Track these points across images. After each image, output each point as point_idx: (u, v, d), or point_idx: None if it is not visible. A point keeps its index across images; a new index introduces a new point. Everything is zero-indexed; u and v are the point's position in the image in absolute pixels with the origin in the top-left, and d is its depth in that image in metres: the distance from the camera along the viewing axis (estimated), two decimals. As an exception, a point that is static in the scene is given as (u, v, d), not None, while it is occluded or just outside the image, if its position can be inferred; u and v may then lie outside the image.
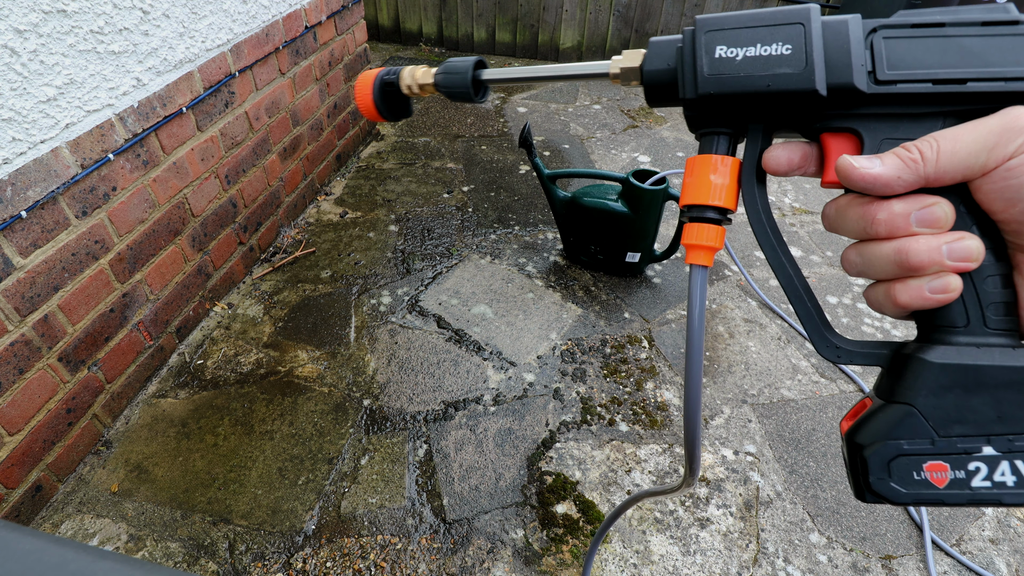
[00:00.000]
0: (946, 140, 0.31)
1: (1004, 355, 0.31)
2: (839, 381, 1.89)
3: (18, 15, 1.17)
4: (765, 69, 0.34)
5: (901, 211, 0.32)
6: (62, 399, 1.47)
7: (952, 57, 0.32)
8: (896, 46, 0.33)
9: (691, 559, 1.42)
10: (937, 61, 0.32)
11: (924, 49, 0.32)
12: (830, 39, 0.33)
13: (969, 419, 0.31)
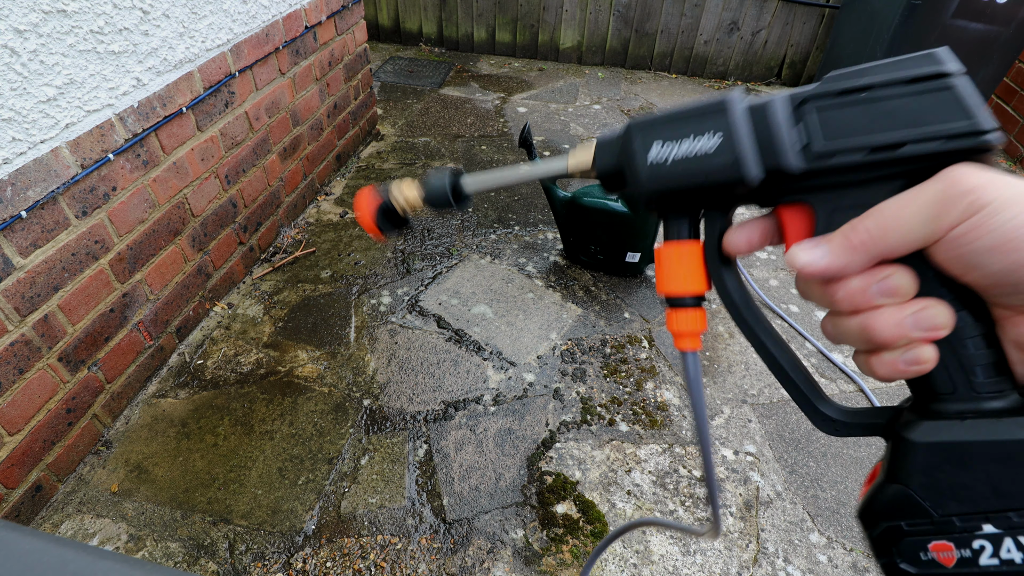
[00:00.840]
0: (889, 215, 0.30)
1: (991, 428, 0.29)
2: (839, 381, 1.89)
3: (18, 15, 1.17)
4: (698, 163, 0.34)
5: (859, 286, 0.31)
6: (62, 399, 1.47)
7: (884, 121, 0.31)
8: (829, 117, 0.32)
9: (691, 559, 1.42)
10: (870, 127, 0.31)
11: (856, 116, 0.31)
12: (758, 122, 0.33)
13: (964, 497, 0.29)
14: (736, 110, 0.33)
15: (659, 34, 3.90)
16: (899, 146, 0.30)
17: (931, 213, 0.29)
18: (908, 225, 0.29)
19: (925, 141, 0.29)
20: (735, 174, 0.33)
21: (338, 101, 2.61)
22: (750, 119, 0.33)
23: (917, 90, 0.30)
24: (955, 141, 0.29)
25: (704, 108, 0.34)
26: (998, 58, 2.72)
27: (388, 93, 3.57)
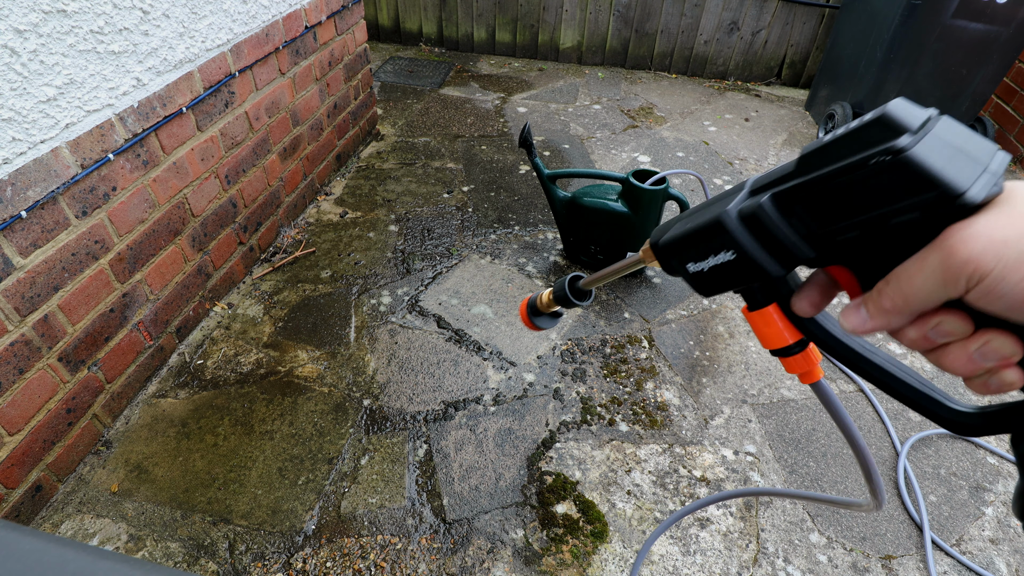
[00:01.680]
0: (904, 282, 0.31)
1: None
2: (839, 381, 1.89)
3: (18, 15, 1.17)
4: (730, 269, 0.39)
5: (916, 336, 0.33)
6: (62, 399, 1.47)
7: (863, 201, 0.32)
8: (814, 207, 0.34)
9: (691, 559, 1.42)
10: (854, 208, 0.32)
11: (838, 200, 0.33)
12: (757, 232, 0.36)
13: None
14: (733, 227, 0.37)
15: (659, 34, 3.90)
16: (887, 219, 0.31)
17: (940, 280, 0.30)
18: (925, 291, 0.30)
19: (906, 212, 0.30)
20: (761, 274, 0.37)
21: (338, 101, 2.61)
22: (748, 231, 0.37)
23: (878, 170, 0.30)
24: (933, 209, 0.29)
25: (706, 232, 0.38)
26: (998, 58, 2.72)
27: (388, 93, 3.57)
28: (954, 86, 2.83)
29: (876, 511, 0.52)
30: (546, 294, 0.72)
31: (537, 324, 0.75)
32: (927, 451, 1.70)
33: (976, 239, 0.28)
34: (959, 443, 1.73)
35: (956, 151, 0.30)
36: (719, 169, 2.98)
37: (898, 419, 1.78)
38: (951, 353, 0.32)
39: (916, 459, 1.68)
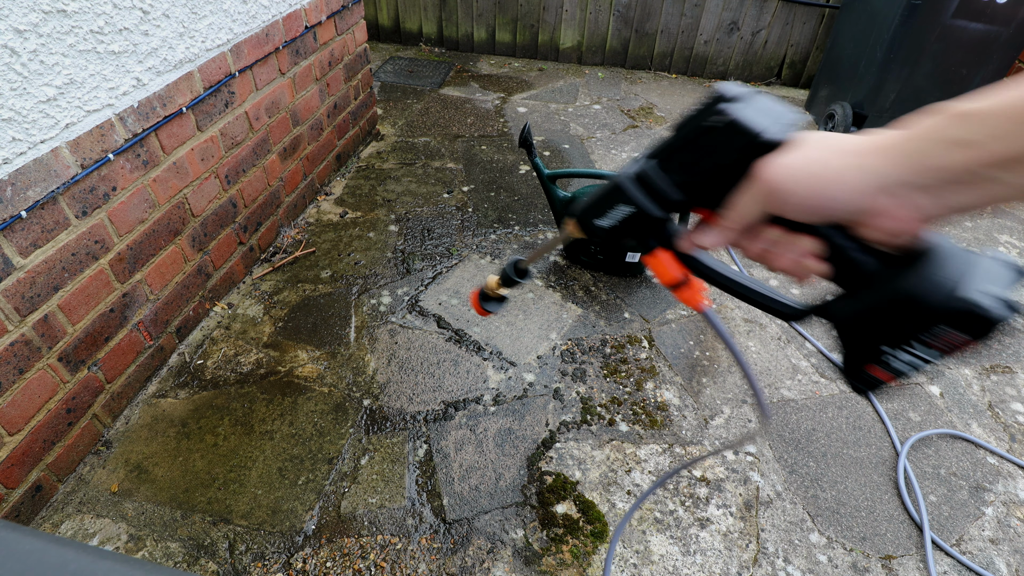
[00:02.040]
0: (736, 208, 0.46)
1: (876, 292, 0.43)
2: (839, 381, 1.89)
3: (18, 15, 1.17)
4: (628, 220, 0.52)
5: (754, 247, 0.47)
6: (62, 399, 1.47)
7: (707, 154, 0.46)
8: (678, 162, 0.48)
9: (691, 559, 1.42)
10: (702, 161, 0.46)
11: (692, 157, 0.47)
12: (646, 186, 0.50)
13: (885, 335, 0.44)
14: (629, 187, 0.50)
15: (659, 34, 3.90)
16: (721, 161, 0.45)
17: (754, 200, 0.44)
18: (748, 208, 0.45)
19: (731, 154, 0.44)
20: (649, 217, 0.51)
21: (338, 101, 2.61)
22: (640, 187, 0.50)
23: (711, 128, 0.44)
24: (745, 150, 0.43)
25: (611, 193, 0.52)
26: (998, 58, 2.72)
27: (388, 93, 3.57)
28: (954, 86, 2.83)
29: (768, 426, 0.69)
30: (492, 279, 0.83)
31: (487, 309, 0.87)
32: (927, 451, 1.70)
33: (772, 168, 0.42)
34: (959, 443, 1.73)
35: (762, 111, 0.44)
36: (719, 169, 2.98)
37: (898, 419, 1.78)
38: (777, 256, 0.46)
39: (916, 459, 1.67)
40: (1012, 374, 1.95)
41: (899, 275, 0.41)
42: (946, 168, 0.36)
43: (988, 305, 0.39)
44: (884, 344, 0.43)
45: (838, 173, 0.40)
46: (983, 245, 2.55)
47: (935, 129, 0.37)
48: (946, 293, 0.40)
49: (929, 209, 0.39)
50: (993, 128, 0.35)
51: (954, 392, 1.88)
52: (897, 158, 0.38)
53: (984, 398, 1.87)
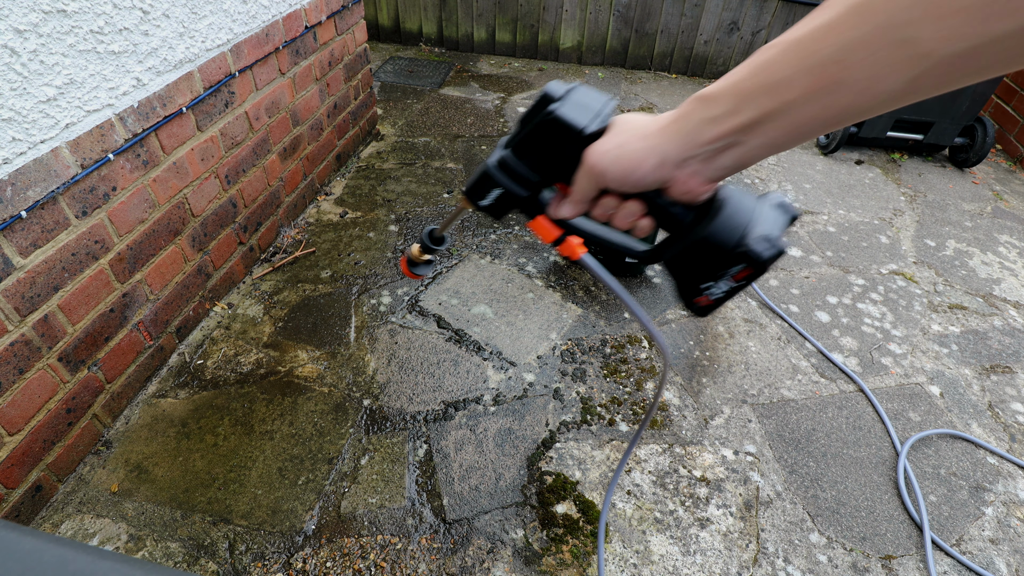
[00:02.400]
0: (577, 185, 0.55)
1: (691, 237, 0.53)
2: (839, 381, 1.89)
3: (18, 15, 1.17)
4: (503, 201, 0.61)
5: (599, 212, 0.56)
6: (62, 399, 1.47)
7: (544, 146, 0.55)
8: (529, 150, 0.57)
9: (691, 559, 1.42)
10: (544, 151, 0.56)
11: (538, 147, 0.56)
12: (509, 171, 0.59)
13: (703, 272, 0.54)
14: (496, 174, 0.59)
15: (659, 34, 3.90)
16: (559, 150, 0.54)
17: (588, 180, 0.53)
18: (586, 186, 0.54)
19: (565, 144, 0.53)
20: (516, 197, 0.60)
21: (338, 101, 2.61)
22: (503, 172, 0.59)
23: (543, 124, 0.53)
24: (574, 141, 0.53)
25: (482, 179, 0.60)
26: (998, 58, 2.72)
27: (388, 93, 3.57)
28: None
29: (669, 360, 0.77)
30: (415, 247, 0.92)
31: (416, 272, 0.96)
32: (927, 451, 1.70)
33: (593, 155, 0.51)
34: (959, 443, 1.73)
35: (581, 106, 0.53)
36: (719, 169, 2.98)
37: (898, 419, 1.78)
38: (616, 218, 0.55)
39: (916, 459, 1.68)
40: (1012, 374, 1.95)
41: (700, 225, 0.52)
42: (706, 141, 0.46)
43: (761, 250, 0.51)
44: (701, 280, 0.55)
45: (637, 154, 0.49)
46: (983, 244, 2.55)
47: (692, 111, 0.46)
48: (733, 240, 0.51)
49: (708, 173, 0.48)
50: (725, 105, 0.44)
51: (954, 392, 1.88)
52: (673, 138, 0.47)
53: (984, 398, 1.87)
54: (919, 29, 0.33)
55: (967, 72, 0.35)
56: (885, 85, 0.37)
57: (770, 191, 0.59)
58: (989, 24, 0.31)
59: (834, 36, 0.37)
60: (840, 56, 0.37)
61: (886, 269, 2.38)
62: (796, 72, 0.39)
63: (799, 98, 0.40)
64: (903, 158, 3.19)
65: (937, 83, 0.36)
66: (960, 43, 0.33)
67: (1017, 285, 2.34)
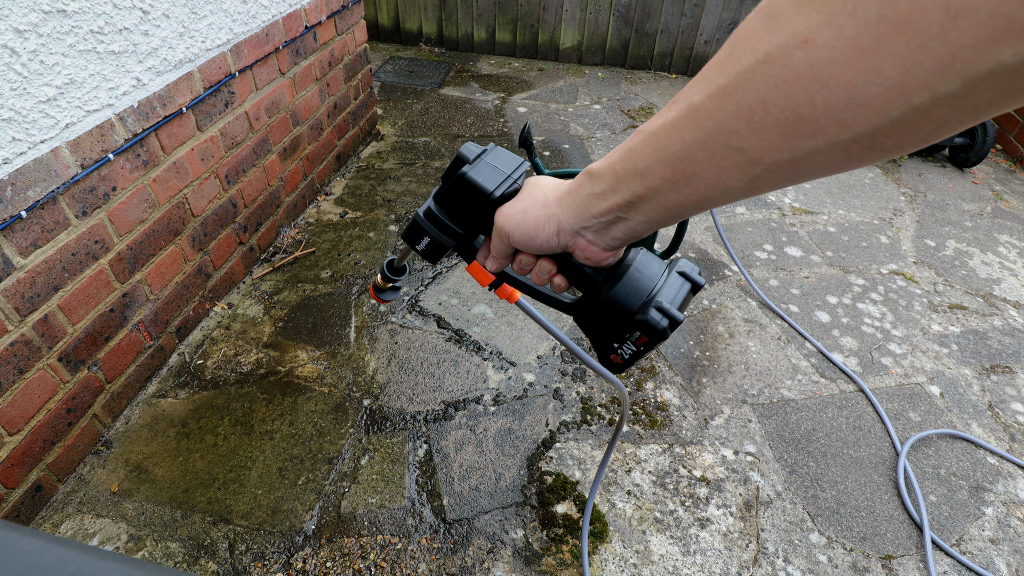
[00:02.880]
0: (494, 243, 0.57)
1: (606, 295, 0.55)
2: (839, 381, 1.89)
3: (18, 15, 1.17)
4: (434, 248, 0.63)
5: (517, 268, 0.59)
6: (62, 399, 1.47)
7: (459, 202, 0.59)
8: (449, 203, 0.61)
9: (691, 559, 1.42)
10: (459, 207, 0.59)
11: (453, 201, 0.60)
12: (435, 222, 0.61)
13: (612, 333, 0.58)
14: (423, 223, 0.62)
15: (659, 34, 3.90)
16: (476, 208, 0.58)
17: (500, 241, 0.56)
18: (500, 246, 0.57)
19: (478, 204, 0.57)
20: (445, 247, 0.62)
21: (338, 101, 2.61)
22: (431, 222, 0.61)
23: (457, 185, 0.57)
24: (485, 202, 0.56)
25: (413, 227, 0.63)
26: (998, 58, 2.72)
27: (388, 93, 3.57)
28: (954, 86, 2.83)
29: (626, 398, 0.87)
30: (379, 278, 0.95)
31: (384, 298, 0.99)
32: (927, 451, 1.70)
33: (501, 215, 0.55)
34: (959, 443, 1.73)
35: (492, 168, 0.57)
36: (719, 169, 2.98)
37: (898, 419, 1.78)
38: (532, 275, 0.58)
39: (916, 459, 1.68)
40: (1012, 374, 1.95)
41: (605, 287, 0.55)
42: (595, 215, 0.48)
43: (655, 321, 0.52)
44: (611, 340, 0.56)
45: (537, 221, 0.52)
46: (984, 244, 2.55)
47: (582, 185, 0.48)
48: (633, 308, 0.54)
49: (603, 243, 0.50)
50: (605, 184, 0.45)
51: (954, 392, 1.88)
52: (568, 208, 0.50)
53: (984, 398, 1.87)
54: (743, 139, 0.35)
55: (801, 174, 0.36)
56: (729, 183, 0.38)
57: (679, 258, 0.63)
58: (800, 140, 0.33)
59: (678, 135, 0.39)
60: (686, 154, 0.39)
61: (886, 269, 2.38)
62: (654, 163, 0.41)
63: (661, 186, 0.42)
64: (903, 158, 3.19)
65: (777, 182, 0.38)
66: (781, 154, 0.34)
67: (1017, 285, 2.35)
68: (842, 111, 0.30)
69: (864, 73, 0.29)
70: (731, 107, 0.35)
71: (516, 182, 0.57)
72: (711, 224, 2.58)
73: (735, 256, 2.30)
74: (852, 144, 0.32)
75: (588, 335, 0.59)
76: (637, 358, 0.57)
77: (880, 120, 0.30)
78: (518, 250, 0.56)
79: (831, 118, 0.31)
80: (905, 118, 0.29)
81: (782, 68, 0.32)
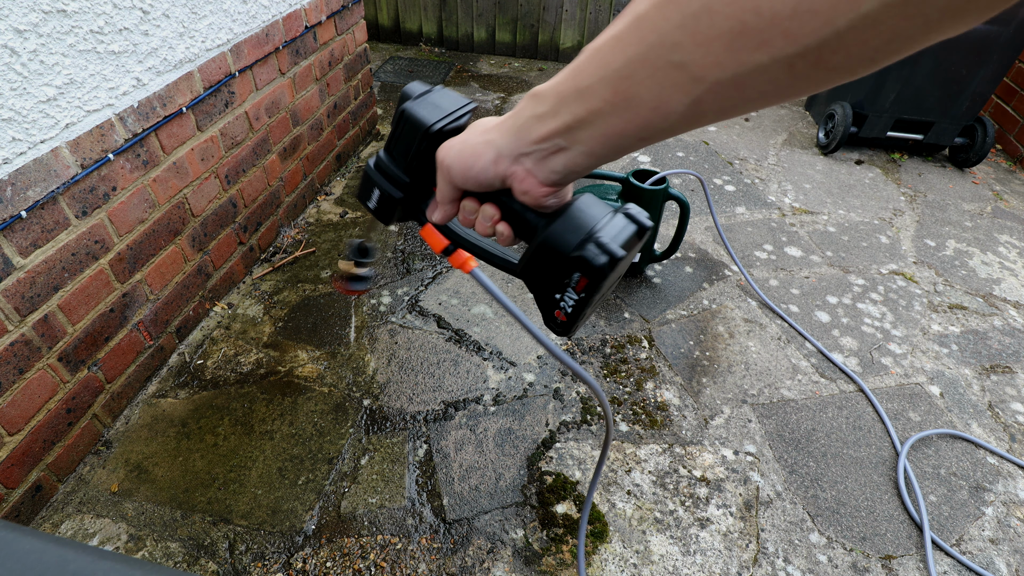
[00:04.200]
0: (438, 190, 0.55)
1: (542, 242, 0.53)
2: (839, 381, 1.89)
3: (18, 15, 1.17)
4: (385, 204, 0.61)
5: (463, 218, 0.56)
6: (62, 399, 1.47)
7: (403, 144, 0.57)
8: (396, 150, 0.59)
9: (691, 559, 1.42)
10: (403, 152, 0.58)
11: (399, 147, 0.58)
12: (385, 172, 0.60)
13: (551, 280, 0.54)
14: (372, 173, 0.60)
15: (659, 34, 3.90)
16: (418, 145, 0.55)
17: (443, 179, 0.53)
18: (444, 190, 0.54)
19: (419, 141, 0.55)
20: (393, 198, 0.59)
21: (338, 101, 2.61)
22: (380, 171, 0.60)
23: (400, 120, 0.56)
24: (425, 137, 0.54)
25: (364, 180, 0.61)
26: (998, 58, 2.72)
27: (388, 93, 3.57)
28: (954, 86, 2.83)
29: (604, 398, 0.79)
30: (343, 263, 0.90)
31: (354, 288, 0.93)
32: (927, 451, 1.70)
33: (443, 151, 0.52)
34: (959, 443, 1.73)
35: (432, 105, 0.55)
36: (719, 169, 2.98)
37: (898, 419, 1.78)
38: (477, 223, 0.54)
39: (916, 459, 1.68)
40: (1012, 374, 1.95)
41: (544, 228, 0.52)
42: (535, 140, 0.45)
43: (592, 256, 0.49)
44: (552, 291, 0.53)
45: (476, 148, 0.49)
46: (984, 245, 2.56)
47: (524, 108, 0.46)
48: (571, 246, 0.50)
49: (542, 175, 0.47)
50: (548, 105, 0.43)
51: (954, 392, 1.88)
52: (508, 132, 0.47)
53: (984, 398, 1.87)
54: (687, 53, 0.34)
55: (744, 99, 0.35)
56: (671, 106, 0.37)
57: (629, 204, 0.58)
58: (745, 54, 0.32)
59: (621, 50, 0.38)
60: (628, 72, 0.38)
61: (886, 269, 2.38)
62: (596, 82, 0.40)
63: (602, 108, 0.40)
64: (903, 158, 3.19)
65: (720, 107, 0.36)
66: (725, 71, 0.33)
67: (1017, 285, 2.35)
68: (789, 19, 0.29)
69: None
70: (675, 16, 0.33)
71: (459, 120, 0.56)
72: (711, 224, 2.58)
73: (735, 256, 2.30)
74: (798, 60, 0.31)
75: (533, 292, 0.55)
76: (581, 310, 0.52)
77: (828, 30, 0.29)
78: (464, 194, 0.54)
79: (777, 27, 0.30)
80: (853, 28, 0.28)
81: None
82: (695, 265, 2.35)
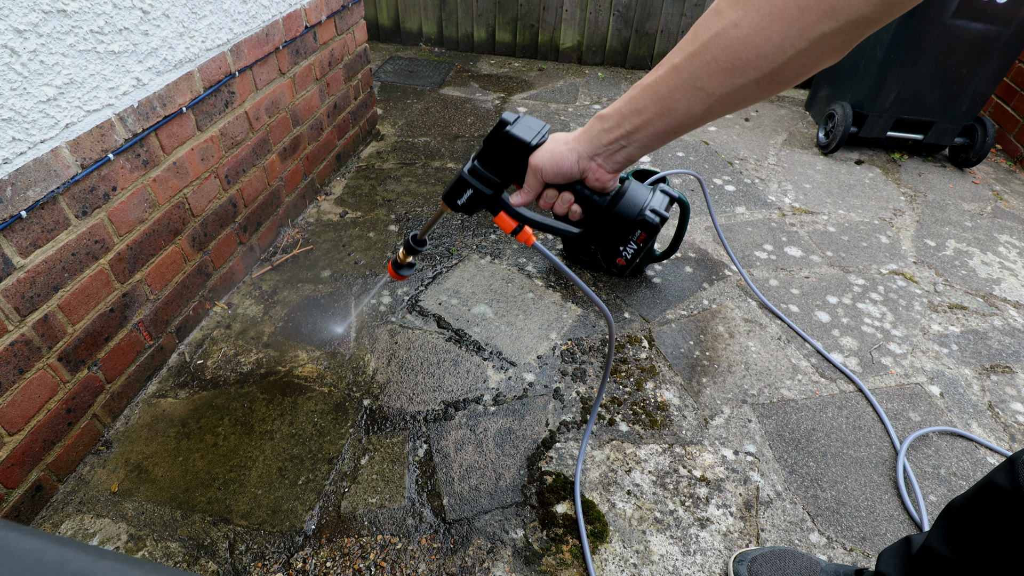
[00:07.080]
0: (527, 181, 0.82)
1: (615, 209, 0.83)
2: (839, 381, 1.89)
3: (18, 15, 1.17)
4: (474, 200, 0.90)
5: (543, 202, 0.84)
6: (62, 399, 1.47)
7: (502, 154, 0.84)
8: (490, 158, 0.87)
9: (691, 559, 1.42)
10: (502, 161, 0.86)
11: (496, 157, 0.86)
12: (479, 177, 0.87)
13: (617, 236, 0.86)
14: (469, 179, 0.86)
15: (659, 34, 3.90)
16: (514, 156, 0.82)
17: (533, 177, 0.81)
18: (532, 182, 0.81)
19: (516, 153, 0.81)
20: (484, 195, 0.88)
21: (338, 101, 2.61)
22: (475, 177, 0.86)
23: (500, 139, 0.82)
24: (523, 150, 0.81)
25: (459, 183, 0.88)
26: (998, 58, 2.72)
27: (388, 93, 3.57)
28: (954, 86, 2.83)
29: (614, 326, 1.12)
30: (401, 251, 1.19)
31: (402, 274, 1.25)
32: (927, 451, 1.70)
33: (535, 158, 0.79)
34: (959, 443, 1.73)
35: (527, 127, 0.81)
36: (719, 169, 2.98)
37: (898, 419, 1.78)
38: (556, 206, 0.82)
39: (916, 459, 1.68)
40: (1012, 374, 1.95)
41: (611, 205, 0.81)
42: (605, 144, 0.73)
43: (650, 218, 0.80)
44: (617, 244, 0.83)
45: (563, 155, 0.76)
46: (984, 244, 2.55)
47: (594, 125, 0.73)
48: (634, 214, 0.80)
49: (609, 166, 0.76)
50: (612, 122, 0.71)
51: (954, 392, 1.88)
52: (584, 142, 0.75)
53: (984, 398, 1.87)
54: (704, 81, 0.61)
55: (736, 101, 0.62)
56: (695, 110, 0.64)
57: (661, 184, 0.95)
58: (735, 79, 0.59)
59: (664, 83, 0.64)
60: (669, 94, 0.64)
61: (886, 269, 2.38)
62: (649, 103, 0.66)
63: (653, 118, 0.67)
64: (903, 158, 3.19)
65: (722, 109, 0.63)
66: (724, 88, 0.60)
67: (1017, 285, 2.35)
68: (755, 60, 0.57)
69: (764, 39, 0.55)
70: (697, 63, 0.60)
71: (544, 137, 0.81)
72: (711, 224, 2.58)
73: (734, 256, 2.30)
74: (762, 80, 0.58)
75: (598, 246, 0.83)
76: (638, 255, 0.83)
77: (774, 64, 0.56)
78: (546, 186, 0.80)
79: (749, 65, 0.57)
80: (788, 61, 0.55)
81: (724, 39, 0.57)
82: (695, 265, 2.35)
